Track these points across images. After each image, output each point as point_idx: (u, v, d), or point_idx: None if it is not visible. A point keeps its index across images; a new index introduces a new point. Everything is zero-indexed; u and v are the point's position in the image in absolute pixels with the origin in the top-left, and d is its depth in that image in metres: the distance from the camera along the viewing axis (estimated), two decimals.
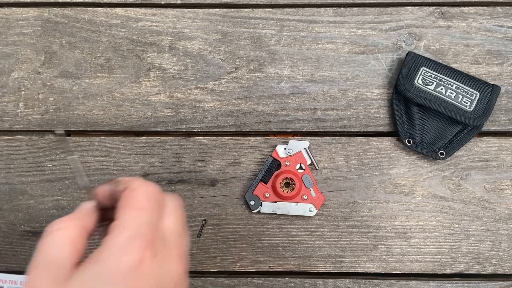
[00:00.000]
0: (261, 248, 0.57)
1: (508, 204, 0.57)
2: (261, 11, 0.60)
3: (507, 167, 0.57)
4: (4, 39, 0.60)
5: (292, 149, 0.57)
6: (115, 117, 0.59)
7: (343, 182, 0.58)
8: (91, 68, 0.60)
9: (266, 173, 0.56)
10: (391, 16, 0.60)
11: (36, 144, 0.59)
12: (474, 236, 0.57)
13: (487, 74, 0.58)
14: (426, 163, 0.58)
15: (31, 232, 0.58)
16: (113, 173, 0.58)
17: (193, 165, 0.58)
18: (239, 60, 0.59)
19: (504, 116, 0.58)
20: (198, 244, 0.57)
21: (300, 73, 0.59)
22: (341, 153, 0.58)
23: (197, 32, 0.60)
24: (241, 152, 0.58)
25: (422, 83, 0.56)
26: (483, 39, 0.59)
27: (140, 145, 0.59)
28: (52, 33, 0.60)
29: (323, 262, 0.57)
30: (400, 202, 0.57)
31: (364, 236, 0.57)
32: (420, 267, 0.56)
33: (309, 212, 0.56)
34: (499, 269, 0.56)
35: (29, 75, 0.60)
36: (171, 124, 0.59)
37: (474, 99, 0.55)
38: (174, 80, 0.59)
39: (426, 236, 0.57)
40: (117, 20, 0.61)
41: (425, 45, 0.59)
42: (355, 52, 0.59)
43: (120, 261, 0.27)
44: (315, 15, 0.60)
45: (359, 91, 0.59)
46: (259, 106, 0.59)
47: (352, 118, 0.58)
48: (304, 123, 0.58)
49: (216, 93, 0.59)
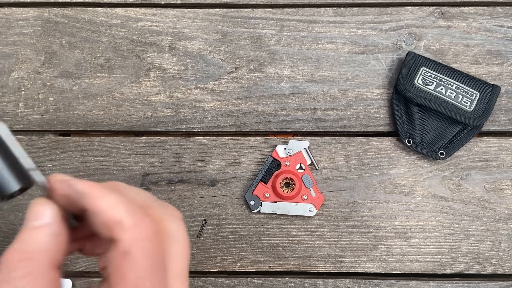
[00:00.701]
0: (261, 248, 0.57)
1: (508, 204, 0.57)
2: (261, 11, 0.60)
3: (507, 167, 0.57)
4: (4, 39, 0.60)
5: (292, 149, 0.57)
6: (115, 117, 0.59)
7: (343, 182, 0.58)
8: (91, 68, 0.60)
9: (266, 173, 0.56)
10: (391, 16, 0.60)
11: (36, 144, 0.59)
12: (474, 236, 0.57)
13: (487, 74, 0.58)
14: (426, 163, 0.58)
15: None
16: (113, 173, 0.58)
17: (193, 165, 0.58)
18: (239, 60, 0.60)
19: (504, 116, 0.58)
20: (198, 244, 0.57)
21: (300, 73, 0.59)
22: (341, 153, 0.58)
23: (197, 32, 0.60)
24: (241, 152, 0.58)
25: (422, 83, 0.56)
26: (483, 39, 0.59)
27: (140, 145, 0.59)
28: (52, 33, 0.60)
29: (323, 262, 0.57)
30: (400, 202, 0.57)
31: (364, 236, 0.57)
32: (420, 267, 0.56)
33: (309, 212, 0.56)
34: (499, 269, 0.56)
35: (29, 75, 0.60)
36: (171, 124, 0.59)
37: (474, 99, 0.55)
38: (174, 80, 0.59)
39: (426, 236, 0.57)
40: (117, 20, 0.61)
41: (425, 45, 0.59)
42: (355, 52, 0.59)
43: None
44: (315, 15, 0.60)
45: (359, 91, 0.59)
46: (259, 106, 0.59)
47: (352, 118, 0.58)
48: (304, 123, 0.58)
49: (216, 93, 0.59)
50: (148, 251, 0.22)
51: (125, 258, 0.21)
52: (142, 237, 0.22)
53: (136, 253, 0.21)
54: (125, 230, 0.21)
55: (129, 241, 0.21)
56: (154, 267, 0.22)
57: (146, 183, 0.58)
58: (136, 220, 0.22)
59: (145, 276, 0.21)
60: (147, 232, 0.22)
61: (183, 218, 0.57)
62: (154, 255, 0.22)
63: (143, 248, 0.21)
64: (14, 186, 0.24)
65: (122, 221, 0.21)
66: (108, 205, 0.22)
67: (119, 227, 0.21)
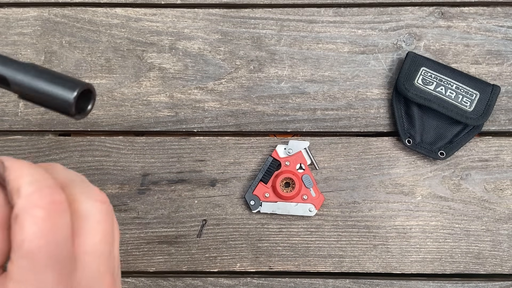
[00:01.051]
0: (261, 248, 0.57)
1: (508, 204, 0.57)
2: (261, 11, 0.60)
3: (507, 167, 0.57)
4: (4, 39, 0.60)
5: (292, 149, 0.57)
6: (115, 117, 0.59)
7: (343, 182, 0.58)
8: (91, 68, 0.60)
9: (266, 173, 0.56)
10: (391, 16, 0.60)
11: (36, 144, 0.59)
12: (474, 236, 0.57)
13: (487, 74, 0.58)
14: (426, 163, 0.58)
15: None
16: (113, 173, 0.58)
17: (193, 165, 0.58)
18: (239, 60, 0.60)
19: (504, 116, 0.58)
20: (198, 244, 0.57)
21: (300, 73, 0.59)
22: (341, 153, 0.58)
23: (197, 32, 0.60)
24: (241, 152, 0.58)
25: (422, 83, 0.56)
26: (483, 39, 0.59)
27: (140, 145, 0.59)
28: (52, 33, 0.60)
29: (323, 262, 0.57)
30: (400, 202, 0.57)
31: (364, 236, 0.57)
32: (420, 267, 0.56)
33: (309, 212, 0.56)
34: (499, 269, 0.56)
35: None
36: (171, 124, 0.59)
37: (474, 99, 0.55)
38: (174, 80, 0.59)
39: (426, 236, 0.57)
40: (117, 20, 0.61)
41: (425, 45, 0.59)
42: (355, 52, 0.59)
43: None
44: (315, 15, 0.60)
45: (359, 91, 0.59)
46: (259, 106, 0.59)
47: (352, 118, 0.58)
48: (304, 123, 0.58)
49: (216, 93, 0.59)
50: (36, 218, 0.23)
51: (14, 222, 0.23)
52: (34, 205, 0.23)
53: (23, 217, 0.23)
54: (20, 197, 0.23)
55: (20, 206, 0.23)
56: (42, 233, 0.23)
57: (146, 183, 0.58)
58: (32, 190, 0.23)
59: (32, 240, 0.22)
60: (40, 202, 0.23)
61: (184, 218, 0.56)
62: (42, 222, 0.23)
63: (31, 214, 0.23)
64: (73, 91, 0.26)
65: (20, 189, 0.23)
66: (16, 175, 0.24)
67: (16, 194, 0.23)
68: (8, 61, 0.26)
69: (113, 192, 0.58)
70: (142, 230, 0.57)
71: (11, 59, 0.26)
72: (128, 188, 0.58)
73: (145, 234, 0.57)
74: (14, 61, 0.26)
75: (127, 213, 0.58)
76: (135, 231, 0.57)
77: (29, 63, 0.26)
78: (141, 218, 0.58)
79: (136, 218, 0.58)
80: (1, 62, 0.26)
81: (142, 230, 0.57)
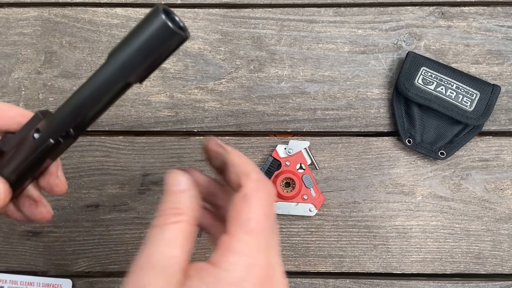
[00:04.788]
0: None
1: (508, 204, 0.57)
2: (261, 11, 0.60)
3: (508, 167, 0.57)
4: (4, 39, 0.60)
5: (292, 149, 0.57)
6: (115, 117, 0.59)
7: (343, 182, 0.58)
8: (91, 68, 0.60)
9: (266, 173, 0.56)
10: (391, 16, 0.60)
11: None
12: (475, 236, 0.56)
13: (487, 74, 0.58)
14: (426, 163, 0.58)
15: (31, 232, 0.58)
16: (113, 173, 0.58)
17: (193, 165, 0.58)
18: (239, 60, 0.59)
19: (505, 116, 0.58)
20: (199, 244, 0.57)
21: (300, 73, 0.59)
22: (341, 153, 0.58)
23: (197, 32, 0.60)
24: (241, 152, 0.58)
25: (423, 83, 0.56)
26: (483, 39, 0.59)
27: (140, 145, 0.59)
28: (52, 33, 0.60)
29: (323, 262, 0.57)
30: (400, 202, 0.57)
31: (364, 236, 0.57)
32: (421, 267, 0.56)
33: (309, 212, 0.56)
34: (499, 269, 0.56)
35: (29, 75, 0.60)
36: (171, 124, 0.59)
37: (475, 99, 0.55)
38: (174, 80, 0.59)
39: (427, 236, 0.57)
40: (117, 20, 0.61)
41: (425, 45, 0.59)
42: (355, 52, 0.59)
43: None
44: (315, 15, 0.60)
45: (359, 91, 0.59)
46: (259, 106, 0.59)
47: (352, 118, 0.58)
48: (304, 123, 0.58)
49: (216, 93, 0.59)
50: (262, 200, 0.27)
51: (243, 199, 0.27)
52: (261, 189, 0.28)
53: (252, 198, 0.27)
54: (250, 180, 0.28)
55: (250, 188, 0.28)
56: (264, 214, 0.27)
57: (146, 183, 0.58)
58: (259, 177, 0.28)
59: (255, 218, 0.26)
60: (265, 188, 0.28)
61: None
62: (265, 206, 0.27)
63: (259, 197, 0.27)
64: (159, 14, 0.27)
65: (250, 173, 0.28)
66: (242, 161, 0.29)
67: (246, 177, 0.28)
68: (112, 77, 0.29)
69: (113, 192, 0.58)
70: (142, 230, 0.57)
71: None
72: (128, 188, 0.58)
73: (145, 234, 0.57)
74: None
75: (127, 213, 0.58)
76: (135, 231, 0.57)
77: None
78: (141, 218, 0.58)
79: (136, 218, 0.58)
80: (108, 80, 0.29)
81: (142, 230, 0.57)
